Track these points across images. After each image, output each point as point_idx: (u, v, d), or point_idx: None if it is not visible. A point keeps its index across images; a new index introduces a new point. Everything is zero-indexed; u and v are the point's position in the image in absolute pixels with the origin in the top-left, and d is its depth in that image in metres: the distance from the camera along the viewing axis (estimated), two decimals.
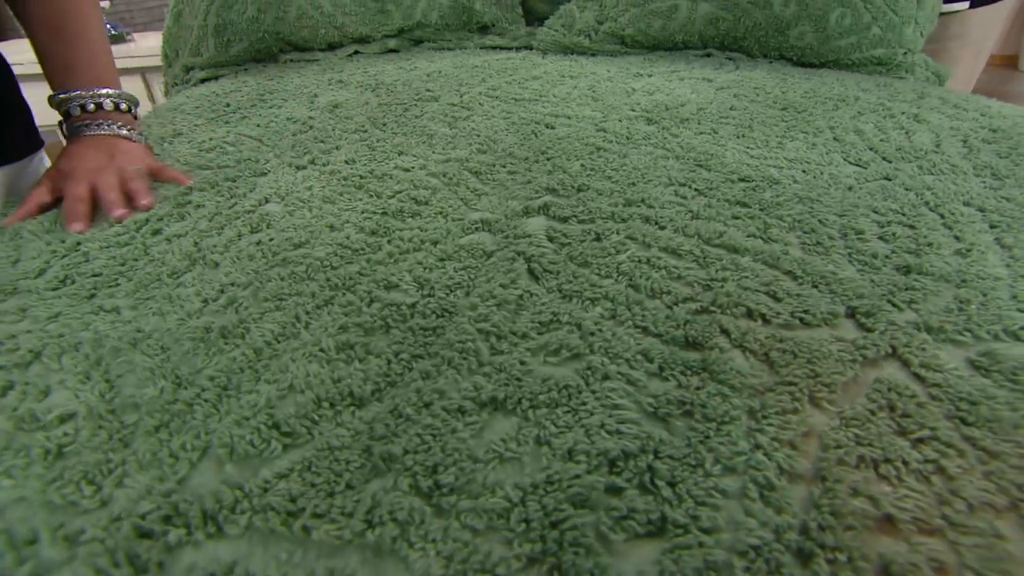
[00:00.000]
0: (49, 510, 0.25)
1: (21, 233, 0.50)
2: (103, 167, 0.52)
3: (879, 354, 0.33)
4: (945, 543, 0.24)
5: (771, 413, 0.29)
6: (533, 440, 0.27)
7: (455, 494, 0.25)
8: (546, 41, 1.14)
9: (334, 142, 0.66)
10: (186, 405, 0.30)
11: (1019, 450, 0.28)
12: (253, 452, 0.27)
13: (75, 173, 0.51)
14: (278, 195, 0.54)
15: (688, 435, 0.28)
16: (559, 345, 0.33)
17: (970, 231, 0.46)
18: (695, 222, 0.46)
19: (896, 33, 0.99)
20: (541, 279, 0.40)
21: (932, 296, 0.38)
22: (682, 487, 0.25)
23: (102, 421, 0.30)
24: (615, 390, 0.30)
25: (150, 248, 0.46)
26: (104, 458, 0.28)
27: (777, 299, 0.37)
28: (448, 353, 0.33)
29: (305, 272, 0.41)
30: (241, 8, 0.99)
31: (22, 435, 0.29)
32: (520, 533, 0.23)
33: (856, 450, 0.27)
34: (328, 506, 0.25)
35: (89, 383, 0.33)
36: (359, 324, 0.35)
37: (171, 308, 0.38)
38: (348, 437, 0.28)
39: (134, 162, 0.55)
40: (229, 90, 0.90)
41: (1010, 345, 0.34)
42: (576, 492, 0.25)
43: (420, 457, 0.26)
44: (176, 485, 0.26)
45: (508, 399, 0.30)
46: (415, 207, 0.50)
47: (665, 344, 0.33)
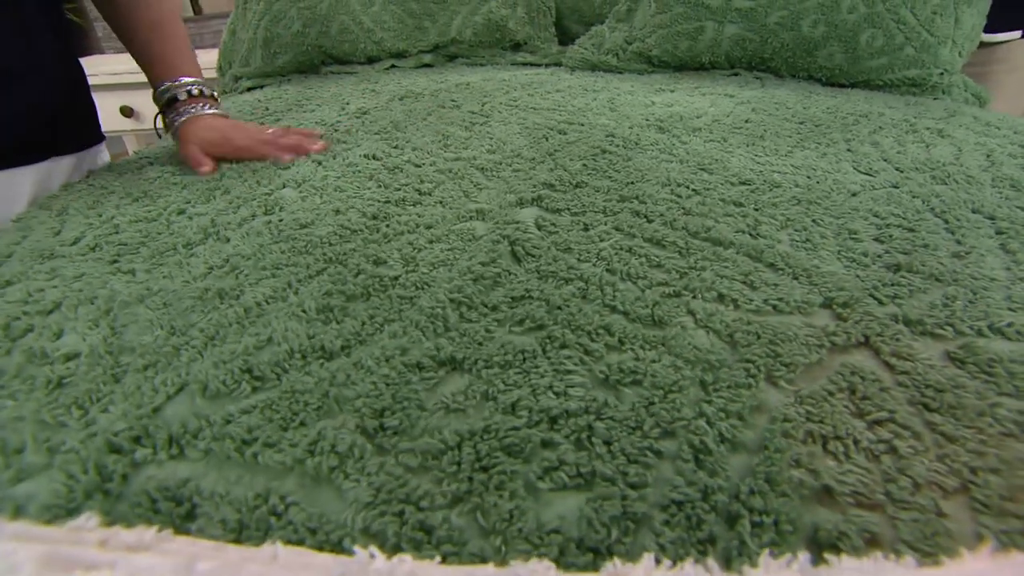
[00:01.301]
0: (40, 427, 0.28)
1: (68, 210, 0.56)
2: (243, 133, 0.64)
3: (849, 341, 0.33)
4: (883, 517, 0.23)
5: (723, 387, 0.29)
6: (480, 395, 0.28)
7: (397, 435, 0.26)
8: (575, 58, 1.17)
9: (355, 141, 0.70)
10: (174, 350, 0.33)
11: (980, 436, 0.27)
12: (224, 391, 0.30)
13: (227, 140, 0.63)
14: (295, 182, 0.57)
15: (634, 401, 0.28)
16: (524, 316, 0.34)
17: (973, 236, 0.45)
18: (685, 217, 0.47)
19: (931, 53, 0.97)
20: (523, 261, 0.41)
21: (919, 293, 0.37)
22: (617, 446, 0.25)
23: (100, 360, 0.33)
24: (570, 357, 0.31)
25: (172, 224, 0.50)
26: (95, 388, 0.30)
27: (753, 287, 0.37)
28: (418, 317, 0.34)
29: (304, 247, 0.44)
30: (288, 23, 1.06)
31: (31, 367, 0.33)
32: (450, 473, 0.24)
33: (805, 425, 0.27)
34: (279, 438, 0.26)
35: (96, 329, 0.36)
36: (342, 291, 0.38)
37: (179, 272, 0.42)
38: (311, 383, 0.30)
39: (251, 130, 0.66)
40: (270, 97, 0.96)
41: (992, 340, 0.33)
42: (511, 442, 0.26)
43: (370, 401, 0.28)
44: (150, 412, 0.28)
45: (465, 359, 0.31)
46: (417, 196, 0.53)
47: (630, 321, 0.34)
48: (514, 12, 1.22)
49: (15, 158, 0.60)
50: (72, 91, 0.66)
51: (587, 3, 1.39)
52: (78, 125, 0.68)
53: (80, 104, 0.68)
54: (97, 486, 0.25)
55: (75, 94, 0.67)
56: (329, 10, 1.09)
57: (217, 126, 0.64)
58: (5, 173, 0.60)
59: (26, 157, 0.61)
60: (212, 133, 0.63)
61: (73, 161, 0.67)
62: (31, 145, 0.62)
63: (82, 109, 0.68)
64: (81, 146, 0.68)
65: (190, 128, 0.64)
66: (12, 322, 0.37)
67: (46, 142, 0.63)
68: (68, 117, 0.65)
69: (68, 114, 0.65)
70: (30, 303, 0.39)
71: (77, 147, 0.67)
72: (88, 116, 0.69)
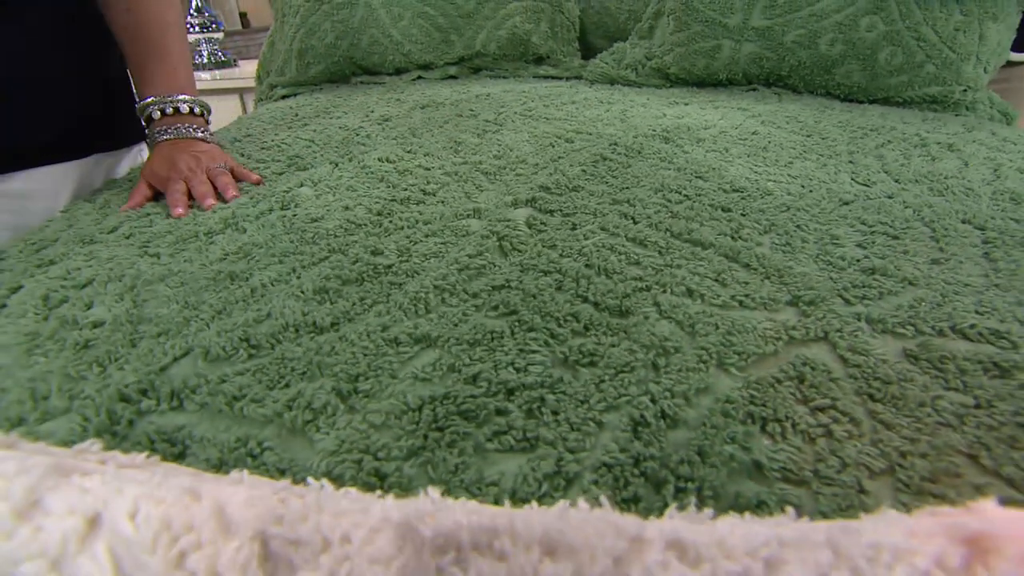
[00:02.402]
0: (64, 379, 0.32)
1: (110, 204, 0.61)
2: (193, 169, 0.61)
3: (808, 336, 0.34)
4: (806, 491, 0.25)
5: (673, 370, 0.31)
6: (447, 367, 0.31)
7: (367, 398, 0.29)
8: (595, 72, 1.20)
9: (373, 145, 0.74)
10: (185, 321, 0.37)
11: (916, 425, 0.28)
12: (223, 356, 0.33)
13: (171, 175, 0.60)
14: (312, 181, 0.61)
15: (587, 379, 0.30)
16: (499, 302, 0.37)
17: (956, 244, 0.45)
18: (670, 219, 0.49)
19: (953, 70, 0.96)
20: (508, 255, 0.44)
21: (888, 295, 0.38)
22: (563, 415, 0.28)
23: (121, 327, 0.37)
24: (535, 339, 0.33)
25: (198, 216, 0.55)
26: (114, 350, 0.34)
27: (723, 284, 0.39)
28: (403, 300, 0.37)
29: (312, 238, 0.48)
30: (322, 35, 1.13)
31: (63, 331, 0.37)
32: (408, 431, 0.27)
33: (747, 407, 0.29)
34: (264, 395, 0.30)
35: (121, 302, 0.40)
36: (339, 276, 0.41)
37: (198, 257, 0.46)
38: (300, 352, 0.33)
39: (216, 160, 0.63)
40: (301, 104, 1.02)
41: (951, 340, 0.34)
42: (468, 408, 0.28)
43: (347, 368, 0.31)
44: (158, 371, 0.32)
45: (439, 338, 0.34)
46: (422, 196, 0.56)
47: (598, 310, 0.36)
48: (537, 27, 1.26)
49: (59, 155, 0.66)
50: (114, 94, 0.72)
51: (612, 19, 1.42)
52: (119, 125, 0.74)
53: (121, 106, 0.74)
54: (106, 428, 0.28)
55: (117, 97, 0.73)
56: (361, 23, 1.15)
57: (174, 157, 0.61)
58: (49, 168, 0.66)
59: (69, 154, 0.67)
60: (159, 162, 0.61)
61: (115, 158, 0.73)
62: (74, 143, 0.68)
63: (123, 110, 0.74)
64: (121, 144, 0.74)
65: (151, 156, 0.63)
66: (51, 294, 0.42)
67: (88, 140, 0.69)
68: (109, 118, 0.72)
69: (109, 115, 0.72)
70: (67, 279, 0.44)
71: (117, 145, 0.73)
72: (129, 117, 0.75)
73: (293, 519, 0.17)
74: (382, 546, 0.17)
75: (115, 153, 0.75)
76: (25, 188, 0.66)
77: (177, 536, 0.17)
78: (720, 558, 0.16)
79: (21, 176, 0.66)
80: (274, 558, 0.17)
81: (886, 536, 0.17)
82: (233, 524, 0.18)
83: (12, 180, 0.65)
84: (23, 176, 0.66)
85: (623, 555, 0.16)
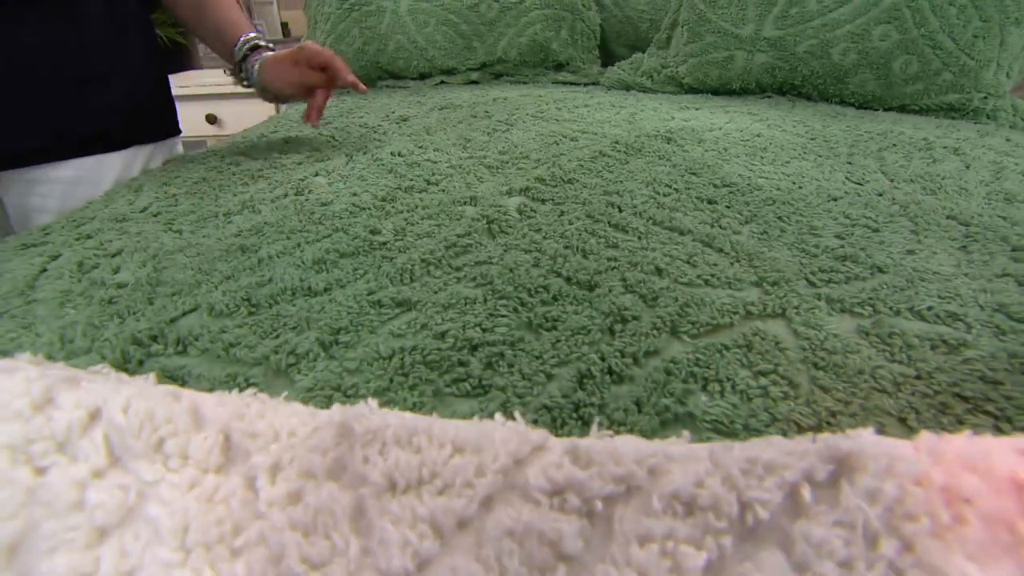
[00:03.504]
0: (89, 327, 0.36)
1: (143, 187, 0.67)
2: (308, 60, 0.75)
3: (765, 311, 0.36)
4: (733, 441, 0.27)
5: (628, 334, 0.33)
6: (420, 325, 0.34)
7: (346, 348, 0.32)
8: (611, 79, 1.23)
9: (388, 141, 0.79)
10: (196, 283, 0.41)
11: (852, 389, 0.29)
12: (225, 312, 0.37)
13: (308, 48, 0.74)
14: (326, 171, 0.66)
15: (546, 339, 0.33)
16: (478, 275, 0.40)
17: (935, 237, 0.46)
18: (655, 209, 0.51)
19: (971, 77, 0.95)
20: (496, 236, 0.47)
21: (854, 280, 0.40)
22: (516, 367, 0.30)
23: (141, 288, 0.41)
24: (505, 305, 0.36)
25: (219, 199, 0.60)
26: (133, 305, 0.39)
27: (693, 265, 0.41)
28: (391, 270, 0.41)
29: (319, 219, 0.52)
30: (350, 40, 1.19)
31: (92, 290, 0.42)
32: (377, 375, 0.30)
33: (690, 368, 0.31)
34: (257, 343, 0.33)
35: (144, 268, 0.45)
36: (337, 250, 0.45)
37: (216, 233, 0.51)
38: (293, 311, 0.36)
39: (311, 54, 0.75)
40: (328, 105, 1.08)
41: (905, 320, 0.35)
42: (433, 359, 0.31)
43: (332, 322, 0.34)
44: (168, 321, 0.36)
45: (418, 302, 0.37)
46: (425, 185, 0.60)
47: (568, 284, 0.39)
48: (557, 35, 1.30)
49: (104, 145, 0.73)
50: (155, 90, 0.79)
51: (633, 29, 1.45)
52: (158, 119, 0.80)
53: (161, 101, 0.80)
54: (120, 365, 0.32)
55: (157, 93, 0.80)
56: (387, 30, 1.21)
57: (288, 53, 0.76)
58: (95, 158, 0.72)
59: (113, 145, 0.74)
60: (288, 53, 0.76)
61: (152, 150, 0.79)
62: (118, 135, 0.74)
63: (163, 106, 0.80)
64: (160, 137, 0.80)
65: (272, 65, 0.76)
66: (85, 260, 0.46)
67: (130, 133, 0.76)
68: (150, 112, 0.78)
69: (150, 110, 0.78)
70: (100, 249, 0.49)
71: (156, 138, 0.80)
72: (167, 111, 0.82)
73: (252, 417, 0.21)
74: (322, 439, 0.20)
75: (153, 145, 0.81)
76: (73, 175, 0.73)
77: (158, 426, 0.21)
78: (609, 463, 0.19)
79: (71, 164, 0.72)
80: (234, 447, 0.20)
81: (763, 453, 0.19)
82: (204, 419, 0.21)
83: (63, 167, 0.72)
84: (73, 164, 0.72)
85: (524, 457, 0.19)
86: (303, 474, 0.19)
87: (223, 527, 0.18)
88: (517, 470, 0.19)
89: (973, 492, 0.17)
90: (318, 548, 0.17)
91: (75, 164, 0.72)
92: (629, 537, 0.17)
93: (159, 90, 0.81)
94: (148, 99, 0.79)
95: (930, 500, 0.17)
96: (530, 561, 0.16)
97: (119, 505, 0.19)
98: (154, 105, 0.80)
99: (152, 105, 0.80)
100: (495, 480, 0.18)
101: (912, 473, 0.18)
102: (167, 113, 0.83)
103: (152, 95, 0.79)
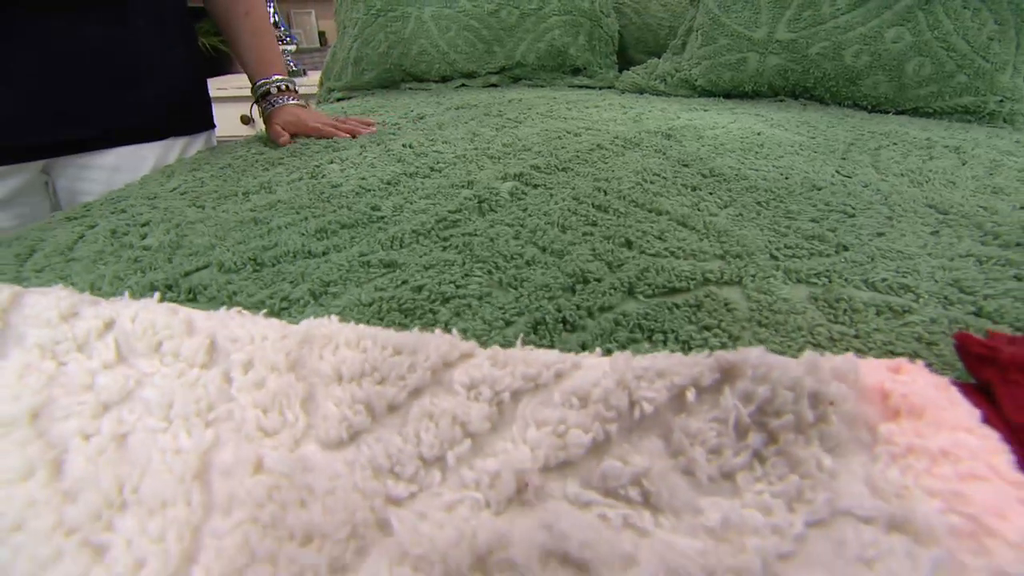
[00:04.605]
0: (115, 279, 0.41)
1: (175, 172, 0.73)
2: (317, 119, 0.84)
3: (722, 279, 0.38)
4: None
5: (586, 292, 0.36)
6: (401, 281, 0.38)
7: (333, 297, 0.36)
8: (626, 82, 1.26)
9: (401, 135, 0.83)
10: (211, 247, 0.46)
11: (788, 342, 0.32)
12: (233, 269, 0.41)
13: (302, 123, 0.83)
14: (340, 159, 0.71)
15: (511, 294, 0.36)
16: (461, 243, 0.43)
17: (909, 222, 0.47)
18: (638, 193, 0.53)
19: (987, 80, 0.95)
20: (485, 214, 0.50)
21: (817, 256, 0.42)
22: (480, 314, 0.34)
23: (163, 250, 0.46)
24: (481, 267, 0.39)
25: (241, 181, 0.65)
26: (154, 262, 0.43)
27: (662, 239, 0.44)
28: (383, 238, 0.44)
29: (328, 197, 0.57)
30: (376, 45, 1.25)
31: (121, 251, 0.47)
32: (355, 319, 0.34)
33: (638, 321, 0.33)
34: (256, 292, 0.37)
35: (168, 235, 0.50)
36: (339, 222, 0.49)
37: (234, 208, 0.55)
38: (293, 269, 0.41)
39: (322, 117, 0.85)
40: (352, 105, 1.14)
41: (856, 289, 0.37)
42: (407, 307, 0.35)
43: (322, 275, 0.38)
44: (182, 275, 0.41)
45: (401, 264, 0.40)
46: (429, 172, 0.64)
47: (542, 252, 0.42)
48: (575, 40, 1.33)
49: (144, 136, 0.80)
50: (192, 89, 0.86)
51: (652, 35, 1.48)
52: (194, 113, 0.87)
53: (197, 99, 0.87)
54: None
55: (195, 91, 0.86)
56: (411, 34, 1.26)
57: (295, 112, 0.84)
58: (134, 147, 0.79)
59: (152, 136, 0.81)
60: (291, 116, 0.82)
61: (188, 141, 0.86)
62: (156, 127, 0.81)
63: (199, 103, 0.87)
64: (195, 131, 0.87)
65: (276, 113, 0.83)
66: (118, 228, 0.52)
67: (168, 126, 0.83)
68: (187, 108, 0.85)
69: (187, 106, 0.85)
70: (132, 220, 0.54)
71: (191, 131, 0.86)
72: (203, 108, 0.88)
73: (234, 326, 0.25)
74: (288, 343, 0.23)
75: (189, 137, 0.88)
76: (115, 162, 0.80)
77: (158, 332, 0.25)
78: (521, 365, 0.22)
79: (114, 152, 0.79)
80: (217, 348, 0.24)
81: (660, 363, 0.22)
82: (195, 328, 0.25)
83: (107, 155, 0.79)
84: (116, 152, 0.79)
85: (453, 360, 0.22)
86: (268, 367, 0.22)
87: (200, 404, 0.22)
88: (445, 370, 0.22)
89: (838, 396, 0.20)
90: (272, 421, 0.21)
91: (117, 152, 0.79)
92: (528, 421, 0.20)
93: (196, 89, 0.88)
94: (185, 97, 0.86)
95: (798, 402, 0.20)
96: (441, 436, 0.20)
97: (121, 388, 0.23)
98: (191, 102, 0.87)
99: (189, 102, 0.87)
100: (424, 376, 0.21)
101: (785, 380, 0.20)
102: (203, 109, 0.90)
103: (190, 94, 0.86)
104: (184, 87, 0.85)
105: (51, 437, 0.21)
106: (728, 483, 0.18)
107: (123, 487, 0.19)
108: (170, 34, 0.80)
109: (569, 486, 0.18)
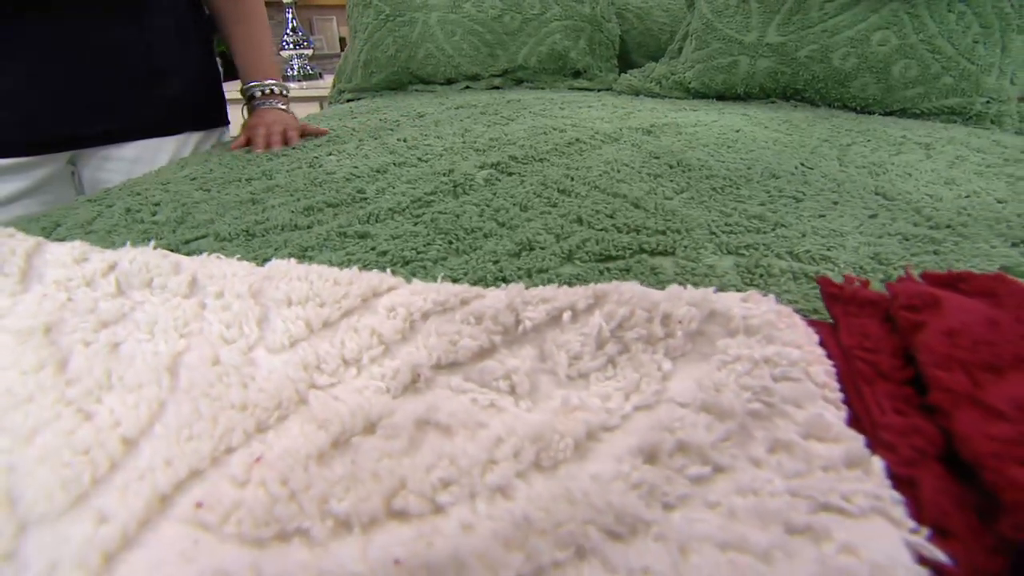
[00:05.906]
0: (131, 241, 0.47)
1: (189, 162, 0.80)
2: (273, 123, 0.86)
3: (656, 249, 0.42)
4: None
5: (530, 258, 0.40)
6: (370, 248, 0.43)
7: (309, 260, 0.41)
8: (623, 84, 1.30)
9: (398, 131, 0.89)
10: (211, 221, 0.51)
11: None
12: (227, 238, 0.47)
13: (258, 127, 0.86)
14: (338, 151, 0.77)
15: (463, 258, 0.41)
16: (429, 219, 0.48)
17: (851, 206, 0.51)
18: (603, 180, 0.58)
19: (972, 82, 0.97)
20: (459, 197, 0.55)
21: (753, 232, 0.46)
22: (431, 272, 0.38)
23: (169, 223, 0.52)
24: (443, 238, 0.44)
25: (245, 169, 0.71)
26: (161, 232, 0.49)
27: (611, 217, 0.48)
28: (362, 214, 0.50)
29: (320, 183, 0.62)
30: (384, 48, 1.32)
31: (133, 225, 0.53)
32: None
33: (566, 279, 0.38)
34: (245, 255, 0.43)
35: (175, 212, 0.56)
36: (326, 202, 0.54)
37: (235, 191, 0.61)
38: (279, 238, 0.46)
39: (291, 123, 0.89)
40: (360, 105, 1.20)
41: (778, 259, 0.41)
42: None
43: (303, 242, 0.43)
44: (184, 241, 0.46)
45: (373, 235, 0.45)
46: (416, 162, 0.69)
47: (501, 227, 0.47)
48: (576, 44, 1.38)
49: (163, 130, 0.87)
50: (208, 88, 0.93)
51: (654, 40, 1.52)
52: (209, 112, 0.94)
53: (212, 97, 0.94)
54: None
55: (210, 90, 0.93)
56: (418, 38, 1.33)
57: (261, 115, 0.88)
58: (154, 141, 0.86)
59: (170, 130, 0.88)
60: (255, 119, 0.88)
61: (203, 136, 0.93)
62: (174, 122, 0.88)
63: (214, 101, 0.94)
64: (210, 126, 0.94)
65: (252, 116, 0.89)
66: (132, 207, 0.58)
67: (184, 121, 0.90)
68: (202, 106, 0.92)
69: (203, 103, 0.92)
70: (145, 200, 0.61)
71: (207, 127, 0.93)
72: (218, 106, 0.95)
73: (212, 266, 0.30)
74: (253, 279, 0.28)
75: (204, 133, 0.95)
76: (135, 154, 0.87)
77: (150, 270, 0.30)
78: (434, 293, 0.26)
79: (134, 145, 0.86)
80: (197, 283, 0.29)
81: (547, 293, 0.26)
82: (181, 268, 0.30)
83: (127, 148, 0.86)
84: (135, 145, 0.86)
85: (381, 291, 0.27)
86: (235, 295, 0.28)
87: (177, 322, 0.27)
88: (374, 299, 0.27)
89: (686, 317, 0.24)
90: (232, 333, 0.26)
91: (137, 145, 0.86)
92: (430, 332, 0.24)
93: (211, 88, 0.95)
94: (201, 95, 0.93)
95: (651, 321, 0.24)
96: (361, 343, 0.24)
97: (117, 311, 0.28)
98: (206, 100, 0.94)
99: (204, 100, 0.94)
100: (354, 302, 0.26)
101: (645, 303, 0.24)
102: (217, 107, 0.97)
103: (205, 92, 0.93)
104: (201, 85, 0.92)
105: (60, 345, 0.26)
106: (582, 380, 0.23)
107: (111, 375, 0.24)
108: (187, 36, 0.87)
109: (453, 379, 0.22)
